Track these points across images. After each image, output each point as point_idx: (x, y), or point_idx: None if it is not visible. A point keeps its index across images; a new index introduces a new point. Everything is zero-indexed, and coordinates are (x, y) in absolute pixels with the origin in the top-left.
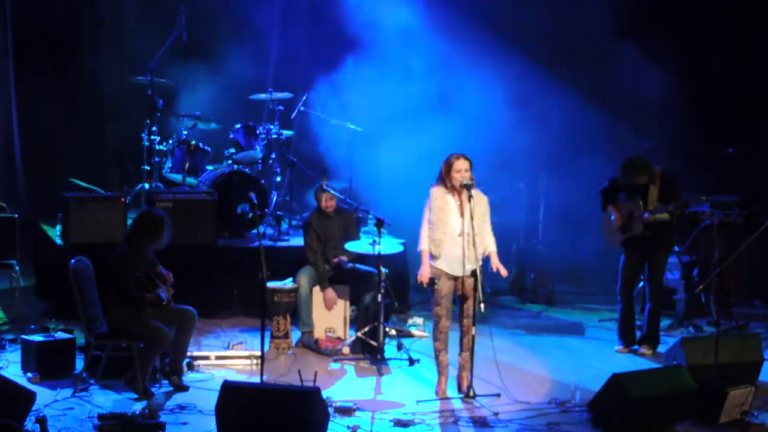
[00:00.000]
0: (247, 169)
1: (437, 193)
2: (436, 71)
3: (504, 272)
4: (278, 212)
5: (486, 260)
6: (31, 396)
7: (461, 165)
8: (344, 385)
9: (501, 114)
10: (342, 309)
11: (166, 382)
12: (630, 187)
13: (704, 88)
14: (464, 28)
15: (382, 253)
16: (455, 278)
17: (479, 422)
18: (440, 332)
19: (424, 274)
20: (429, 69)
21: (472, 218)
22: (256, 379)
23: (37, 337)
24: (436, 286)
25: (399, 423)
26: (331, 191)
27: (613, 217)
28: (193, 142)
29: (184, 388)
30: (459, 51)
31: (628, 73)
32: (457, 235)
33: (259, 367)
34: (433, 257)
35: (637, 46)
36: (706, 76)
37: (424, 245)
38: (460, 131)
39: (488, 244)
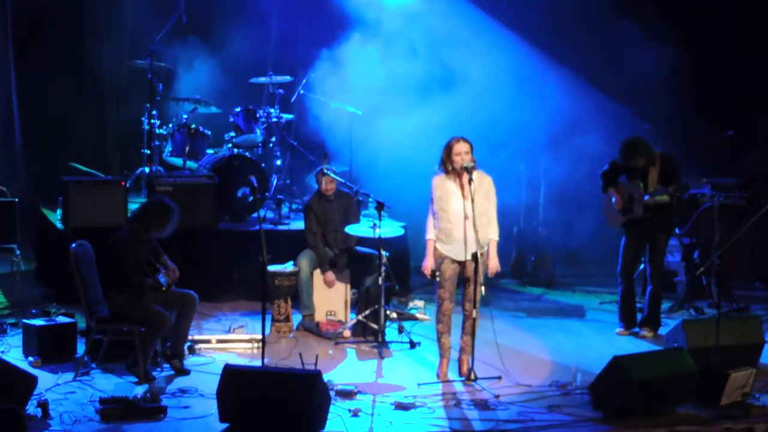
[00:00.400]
0: (247, 153)
1: (437, 182)
2: (435, 52)
3: (492, 269)
4: (278, 196)
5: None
6: (32, 380)
7: (461, 147)
8: (345, 368)
9: (501, 94)
10: (343, 292)
11: (168, 365)
12: (630, 170)
13: (704, 69)
14: (463, 7)
15: (382, 236)
16: (460, 262)
17: (480, 405)
18: (443, 315)
19: (427, 266)
20: (427, 50)
21: (473, 201)
22: (257, 363)
23: (39, 322)
24: (438, 272)
25: (400, 406)
26: (332, 174)
27: (614, 200)
28: (193, 126)
29: (185, 372)
30: (457, 31)
31: (628, 51)
32: (462, 219)
33: (260, 350)
34: (441, 243)
35: (636, 23)
36: (707, 56)
37: (429, 235)
38: (460, 113)
39: (490, 231)
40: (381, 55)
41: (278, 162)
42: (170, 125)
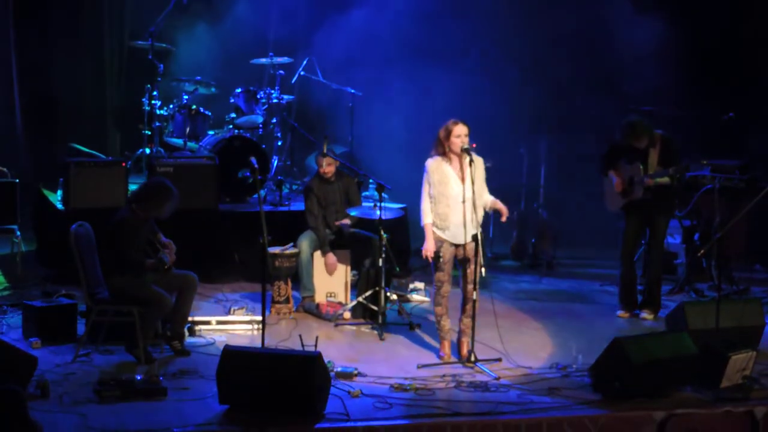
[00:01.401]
0: (247, 134)
1: (433, 165)
2: (435, 34)
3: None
4: (279, 177)
5: (486, 224)
6: (33, 361)
7: (461, 130)
8: (345, 349)
9: (501, 76)
10: (343, 274)
11: (168, 347)
12: (630, 152)
13: (703, 50)
14: None
15: (383, 217)
16: (457, 245)
17: (480, 387)
18: (442, 297)
19: (429, 249)
20: (428, 33)
21: (473, 183)
22: (258, 344)
23: (39, 303)
24: (440, 255)
25: (400, 387)
26: (332, 155)
27: (614, 181)
28: (194, 107)
29: (185, 353)
30: (456, 12)
31: (624, 29)
32: (460, 202)
33: (261, 331)
34: (437, 228)
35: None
36: (706, 36)
37: (426, 219)
38: (460, 94)
39: (486, 199)
40: (381, 37)
41: (279, 143)
42: (171, 106)
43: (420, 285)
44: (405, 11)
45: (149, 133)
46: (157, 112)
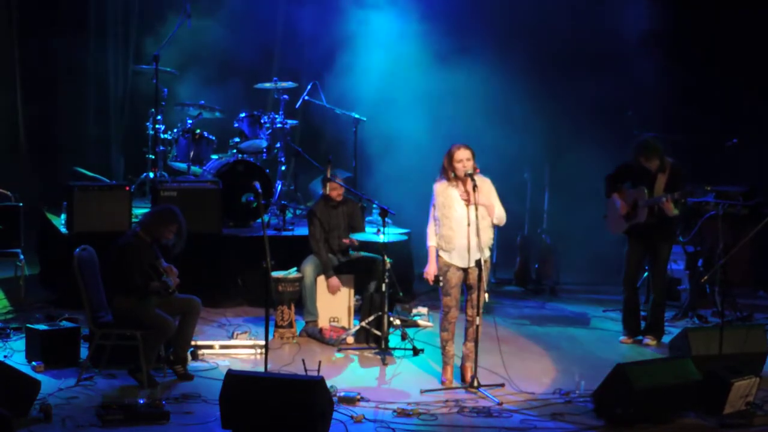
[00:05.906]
0: (251, 159)
1: (439, 188)
2: (440, 58)
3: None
4: (283, 201)
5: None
6: (36, 384)
7: (462, 154)
8: (348, 374)
9: (504, 101)
10: (346, 298)
11: (171, 371)
12: (637, 175)
13: (708, 78)
14: (461, 14)
15: (386, 241)
16: (464, 269)
17: (483, 412)
18: (449, 323)
19: (430, 272)
20: (432, 56)
21: (476, 208)
22: (261, 369)
23: (42, 326)
24: (443, 279)
25: (403, 413)
26: (337, 181)
27: (618, 204)
28: (198, 131)
29: (188, 378)
30: (459, 37)
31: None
32: (465, 225)
33: (264, 356)
34: (443, 251)
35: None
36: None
37: (431, 242)
38: (464, 119)
39: (498, 213)
40: (387, 61)
41: (283, 168)
42: (175, 130)
43: (423, 310)
44: (409, 33)
45: (153, 157)
46: (161, 136)
